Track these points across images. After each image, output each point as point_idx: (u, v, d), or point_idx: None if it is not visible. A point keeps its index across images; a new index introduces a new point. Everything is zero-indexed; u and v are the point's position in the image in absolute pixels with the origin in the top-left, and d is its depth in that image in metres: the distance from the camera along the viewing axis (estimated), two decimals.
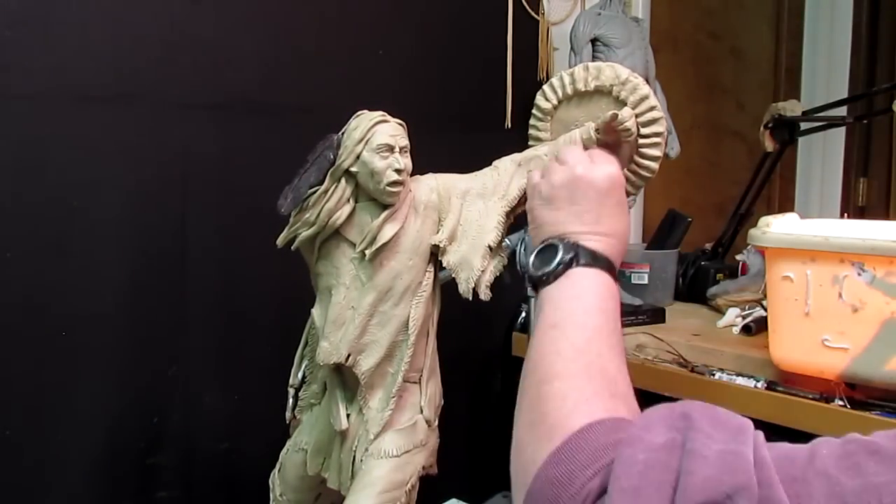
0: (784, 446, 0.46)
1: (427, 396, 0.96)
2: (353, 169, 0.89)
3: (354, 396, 0.95)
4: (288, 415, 1.02)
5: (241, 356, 1.31)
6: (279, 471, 1.03)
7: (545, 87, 0.96)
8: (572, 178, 0.79)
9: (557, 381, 0.60)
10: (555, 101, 0.96)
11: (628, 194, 0.97)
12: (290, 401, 1.02)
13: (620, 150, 0.92)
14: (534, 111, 0.98)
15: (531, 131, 0.99)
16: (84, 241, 1.13)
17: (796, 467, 0.43)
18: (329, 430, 0.97)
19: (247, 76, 1.28)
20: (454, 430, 1.07)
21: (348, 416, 0.95)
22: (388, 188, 0.88)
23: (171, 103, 1.19)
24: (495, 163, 0.99)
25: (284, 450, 1.03)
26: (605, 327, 0.66)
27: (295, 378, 1.01)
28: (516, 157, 0.97)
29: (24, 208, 1.08)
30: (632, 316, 1.54)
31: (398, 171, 0.88)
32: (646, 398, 1.42)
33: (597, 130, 0.91)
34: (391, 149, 0.88)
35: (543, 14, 1.78)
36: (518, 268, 0.90)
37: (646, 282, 1.69)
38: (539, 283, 0.73)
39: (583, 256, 0.73)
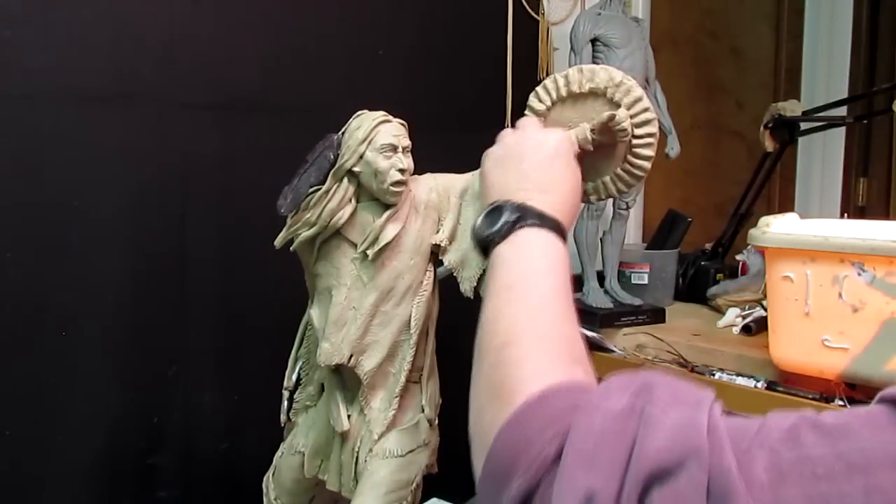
0: (739, 418, 0.46)
1: (428, 395, 0.97)
2: (357, 169, 0.88)
3: (355, 397, 0.95)
4: (283, 417, 1.01)
5: (240, 356, 1.31)
6: (273, 474, 1.02)
7: (538, 88, 0.97)
8: (522, 138, 0.82)
9: (515, 346, 0.60)
10: (548, 103, 0.97)
11: (620, 192, 0.99)
12: (285, 403, 1.01)
13: (615, 150, 0.93)
14: (527, 112, 0.98)
15: None
16: (84, 241, 1.13)
17: (745, 439, 0.43)
18: (327, 431, 0.97)
19: (247, 76, 1.28)
20: (452, 429, 1.07)
21: (349, 416, 0.95)
22: (392, 188, 0.88)
23: (171, 103, 1.19)
24: None
25: (279, 453, 1.02)
26: (559, 290, 0.66)
27: (289, 380, 1.01)
28: None
29: (24, 208, 1.08)
30: (632, 316, 1.54)
31: (401, 171, 0.88)
32: None
33: (593, 130, 0.92)
34: (394, 149, 0.88)
35: (543, 14, 1.78)
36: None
37: (646, 282, 1.69)
38: (487, 244, 0.73)
39: (529, 217, 0.73)
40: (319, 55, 1.37)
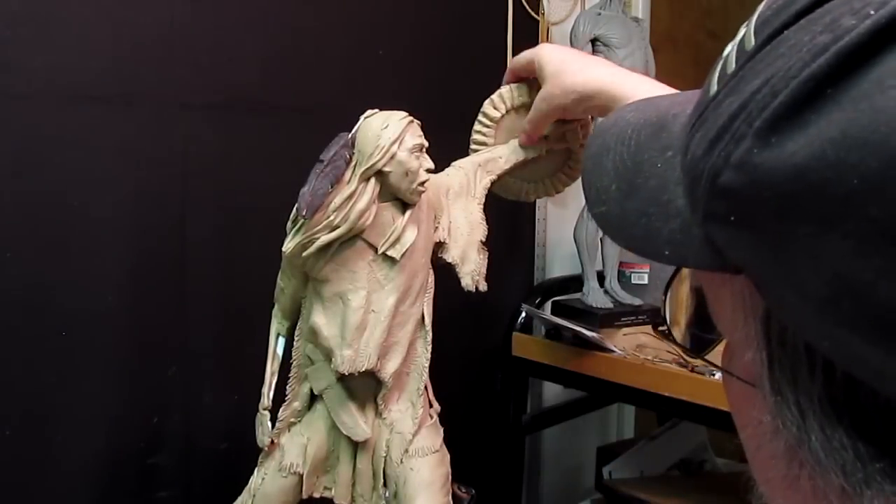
0: None
1: (431, 391, 0.97)
2: (387, 169, 0.86)
3: (364, 404, 0.94)
4: (265, 440, 0.94)
5: (241, 356, 1.31)
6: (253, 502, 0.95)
7: (494, 97, 1.03)
8: None
9: None
10: (503, 111, 1.03)
11: (557, 192, 1.07)
12: (267, 424, 0.94)
13: (558, 156, 1.02)
14: (481, 118, 1.05)
15: (476, 136, 1.04)
16: (84, 241, 1.13)
17: None
18: (327, 445, 0.95)
19: (247, 76, 1.28)
20: (451, 429, 1.07)
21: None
22: (419, 188, 0.88)
23: (171, 103, 1.19)
24: (458, 163, 1.02)
25: (258, 479, 0.95)
26: None
27: (268, 399, 0.95)
28: (476, 158, 1.02)
29: (24, 208, 1.08)
30: (632, 316, 1.54)
31: (428, 171, 0.88)
32: (646, 398, 1.42)
33: (546, 137, 0.99)
34: (422, 148, 0.88)
35: (543, 14, 1.78)
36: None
37: (646, 282, 1.69)
38: None
39: None
40: (319, 55, 1.37)
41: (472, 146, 1.05)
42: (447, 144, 1.23)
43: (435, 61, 1.56)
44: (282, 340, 0.97)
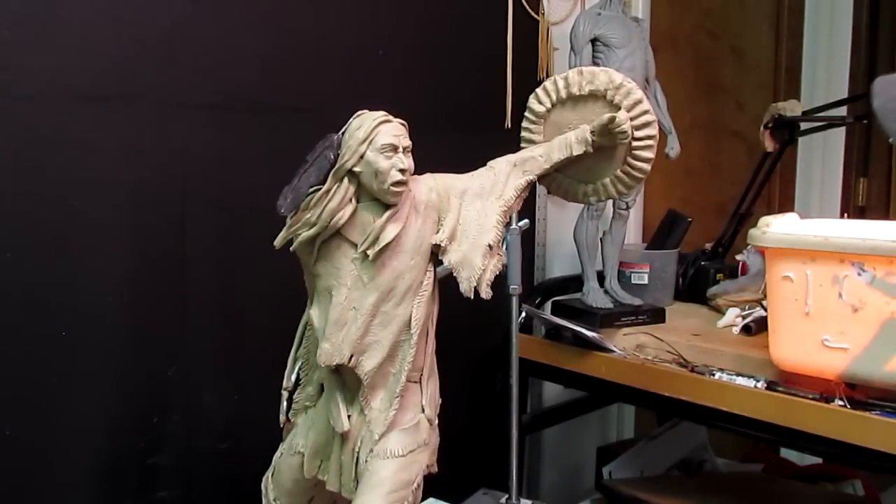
0: None
1: (428, 395, 0.97)
2: (357, 169, 0.88)
3: (354, 397, 0.95)
4: (282, 418, 1.01)
5: (241, 356, 1.31)
6: (272, 475, 1.02)
7: (538, 90, 0.98)
8: None
9: None
10: (548, 105, 0.98)
11: (620, 194, 1.00)
12: (284, 404, 1.01)
13: (615, 152, 0.95)
14: (527, 114, 1.00)
15: (524, 133, 1.01)
16: (84, 241, 1.13)
17: None
18: (327, 431, 0.97)
19: (247, 76, 1.28)
20: (449, 429, 1.07)
21: (349, 417, 0.95)
22: (393, 188, 0.88)
23: (171, 103, 1.19)
24: (490, 163, 1.00)
25: (278, 453, 1.02)
26: None
27: (288, 380, 1.01)
28: (511, 157, 1.00)
29: (24, 208, 1.08)
30: (632, 316, 1.54)
31: (402, 171, 0.88)
32: (646, 398, 1.42)
33: (592, 132, 0.94)
34: (395, 149, 0.88)
35: (543, 14, 1.78)
36: None
37: (646, 282, 1.69)
38: None
39: None
40: (319, 55, 1.37)
41: (522, 144, 1.02)
42: (446, 144, 1.23)
43: (435, 61, 1.56)
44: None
